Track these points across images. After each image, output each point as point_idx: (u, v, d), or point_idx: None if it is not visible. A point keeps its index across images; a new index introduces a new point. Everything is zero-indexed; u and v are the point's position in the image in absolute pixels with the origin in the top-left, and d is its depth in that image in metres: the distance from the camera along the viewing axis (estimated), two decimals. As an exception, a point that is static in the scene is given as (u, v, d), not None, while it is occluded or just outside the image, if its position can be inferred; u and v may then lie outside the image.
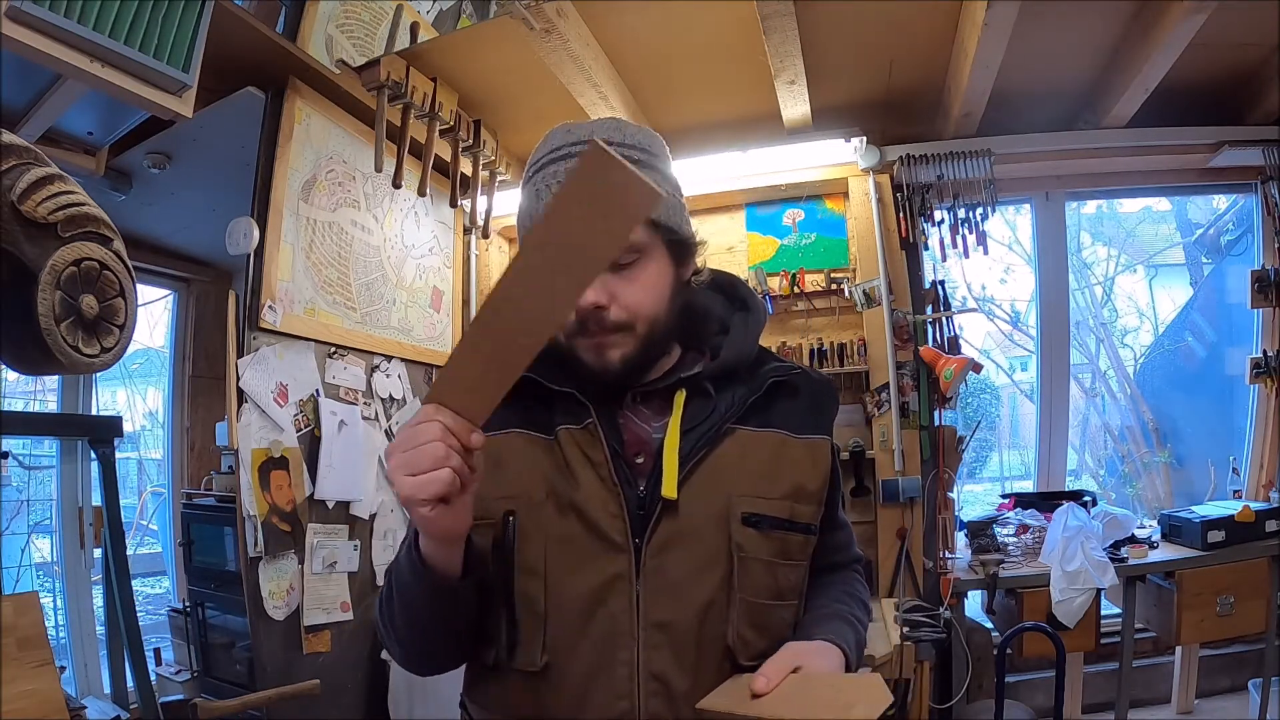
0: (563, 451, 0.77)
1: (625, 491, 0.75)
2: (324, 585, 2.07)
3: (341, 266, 2.26)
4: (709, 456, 0.77)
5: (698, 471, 0.76)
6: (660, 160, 0.79)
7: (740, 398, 0.80)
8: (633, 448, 0.78)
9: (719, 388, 0.80)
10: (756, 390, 0.81)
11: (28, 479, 2.35)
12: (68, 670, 2.07)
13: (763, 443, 0.80)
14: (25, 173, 1.02)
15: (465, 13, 2.24)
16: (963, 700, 2.38)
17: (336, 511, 2.14)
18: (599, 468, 0.75)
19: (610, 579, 0.74)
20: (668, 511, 0.75)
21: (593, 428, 0.76)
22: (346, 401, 2.23)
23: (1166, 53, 2.24)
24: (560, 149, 0.76)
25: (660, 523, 0.74)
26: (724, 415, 0.79)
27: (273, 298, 1.98)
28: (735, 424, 0.79)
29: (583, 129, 0.78)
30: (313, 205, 2.16)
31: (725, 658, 0.74)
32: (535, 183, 0.77)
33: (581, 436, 0.76)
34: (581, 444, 0.76)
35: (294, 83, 2.06)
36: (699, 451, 0.77)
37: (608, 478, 0.75)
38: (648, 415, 0.81)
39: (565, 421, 0.77)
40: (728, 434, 0.79)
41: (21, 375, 1.63)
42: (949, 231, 2.67)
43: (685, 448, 0.76)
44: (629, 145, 0.76)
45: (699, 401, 0.80)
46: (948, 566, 2.50)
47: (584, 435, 0.76)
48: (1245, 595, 2.35)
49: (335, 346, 2.21)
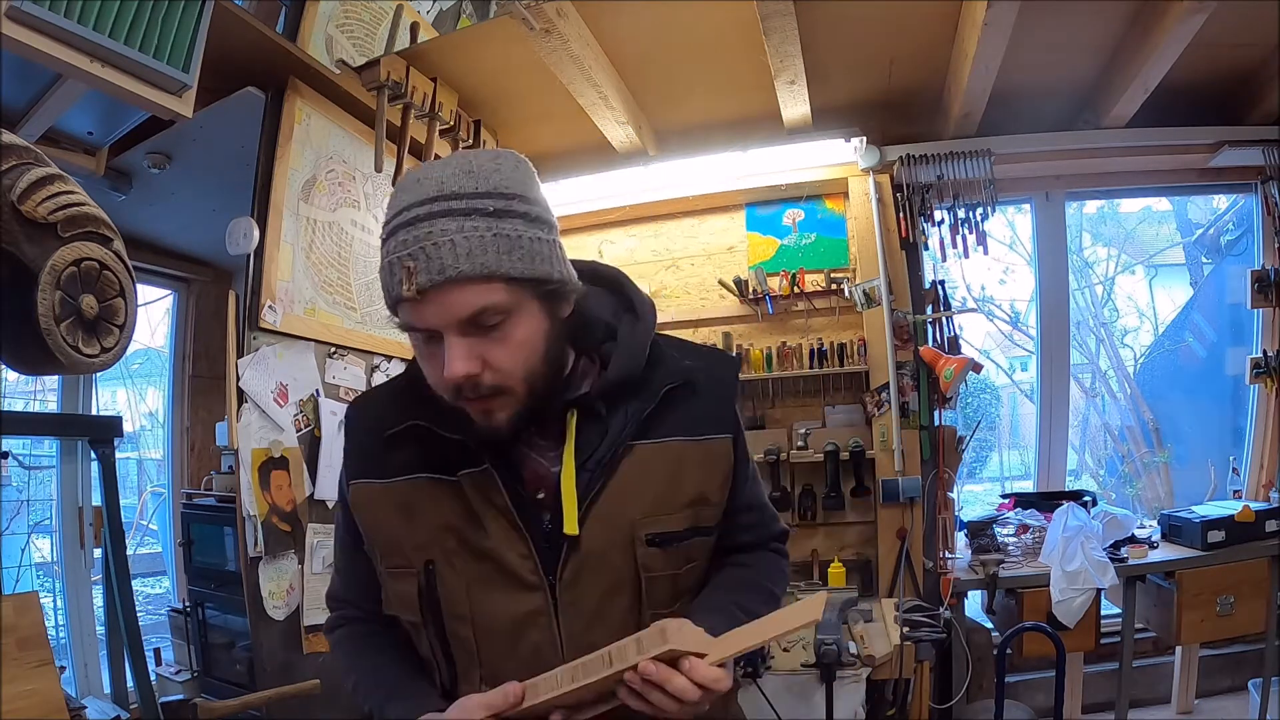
0: (466, 496, 0.76)
1: (531, 531, 0.76)
2: (324, 585, 2.04)
3: (341, 266, 2.26)
4: (607, 485, 0.77)
5: (598, 502, 0.76)
6: (520, 201, 0.70)
7: (634, 414, 0.78)
8: (532, 485, 0.78)
9: (610, 406, 0.78)
10: (650, 401, 0.78)
11: (28, 479, 2.34)
12: (68, 670, 2.07)
13: (661, 455, 0.79)
14: (25, 173, 1.02)
15: (465, 13, 2.24)
16: (963, 700, 2.38)
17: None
18: (503, 512, 0.76)
19: (530, 614, 0.76)
20: (573, 548, 0.76)
21: (489, 472, 0.75)
22: (346, 401, 2.23)
23: (1166, 53, 2.24)
24: (408, 209, 0.68)
25: (569, 559, 0.76)
26: (618, 436, 0.77)
27: (273, 298, 1.98)
28: (631, 440, 0.78)
29: (431, 176, 0.69)
30: (313, 205, 2.16)
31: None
32: (389, 251, 0.69)
33: (481, 480, 0.76)
34: (482, 488, 0.76)
35: (294, 83, 2.06)
36: (596, 482, 0.76)
37: (513, 521, 0.75)
38: (543, 446, 0.79)
39: (464, 464, 0.76)
40: (625, 453, 0.77)
41: (21, 375, 1.63)
42: (949, 231, 2.67)
43: (583, 480, 0.76)
44: (483, 194, 0.68)
45: (591, 423, 0.78)
46: (948, 566, 2.50)
47: (483, 479, 0.76)
48: (1245, 595, 2.35)
49: (335, 346, 2.21)
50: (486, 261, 0.67)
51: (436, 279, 0.66)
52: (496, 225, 0.68)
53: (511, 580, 0.76)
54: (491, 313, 0.68)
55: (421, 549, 0.78)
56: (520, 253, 0.69)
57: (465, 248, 0.66)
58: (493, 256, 0.67)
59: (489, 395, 0.71)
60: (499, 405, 0.72)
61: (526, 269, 0.69)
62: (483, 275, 0.67)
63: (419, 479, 0.79)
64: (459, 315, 0.68)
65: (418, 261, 0.66)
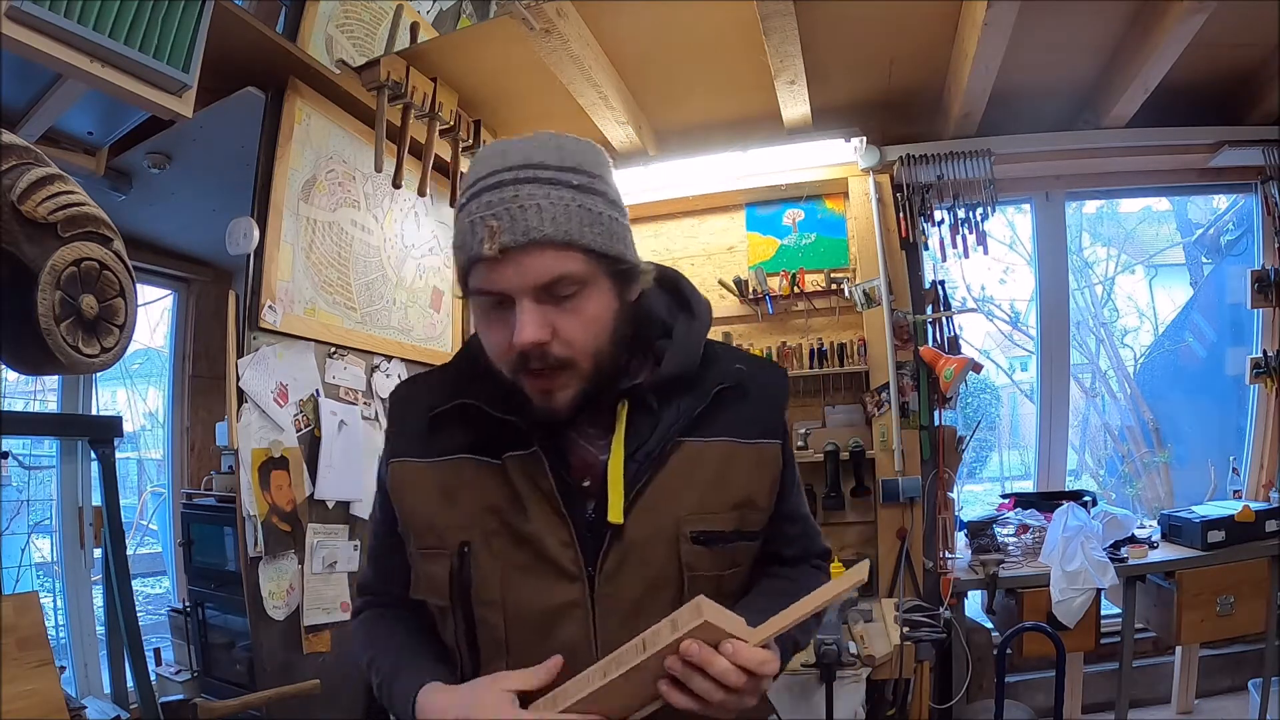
0: (510, 479, 0.75)
1: (574, 518, 0.74)
2: (324, 585, 2.06)
3: (341, 266, 2.26)
4: (655, 477, 0.75)
5: (645, 494, 0.75)
6: (600, 181, 0.72)
7: (685, 410, 0.77)
8: (579, 472, 0.77)
9: (662, 400, 0.78)
10: (702, 400, 0.78)
11: (28, 479, 2.34)
12: (68, 670, 2.07)
13: (710, 454, 0.78)
14: (25, 173, 1.02)
15: (465, 13, 2.24)
16: (963, 700, 2.38)
17: (336, 511, 2.14)
18: (547, 497, 0.74)
19: (565, 606, 0.74)
20: (616, 538, 0.74)
21: (537, 456, 0.74)
22: (346, 401, 2.23)
23: (1166, 53, 2.24)
24: (494, 174, 0.70)
25: (610, 550, 0.74)
26: (668, 430, 0.77)
27: (273, 298, 1.98)
28: (681, 436, 0.77)
29: (516, 147, 0.71)
30: (313, 205, 2.16)
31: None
32: (470, 212, 0.70)
33: (528, 463, 0.74)
34: (528, 471, 0.75)
35: (294, 83, 2.06)
36: (644, 474, 0.75)
37: (556, 507, 0.74)
38: (592, 434, 0.78)
39: (511, 447, 0.75)
40: (674, 449, 0.77)
41: (21, 375, 1.63)
42: (949, 231, 2.67)
43: (631, 470, 0.74)
44: (568, 168, 0.70)
45: (642, 416, 0.77)
46: (948, 566, 2.50)
47: (530, 462, 0.74)
48: (1245, 595, 2.35)
49: (335, 346, 2.21)
50: (570, 229, 0.68)
51: (520, 239, 0.67)
52: (580, 198, 0.70)
53: (550, 568, 0.74)
54: (568, 282, 0.69)
55: (459, 530, 0.76)
56: (600, 228, 0.70)
57: (551, 213, 0.68)
58: (575, 225, 0.68)
59: (553, 370, 0.71)
60: (561, 383, 0.72)
61: (605, 244, 0.70)
62: (565, 241, 0.68)
63: (462, 459, 0.78)
64: (536, 279, 0.68)
65: (501, 221, 0.67)
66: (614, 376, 0.75)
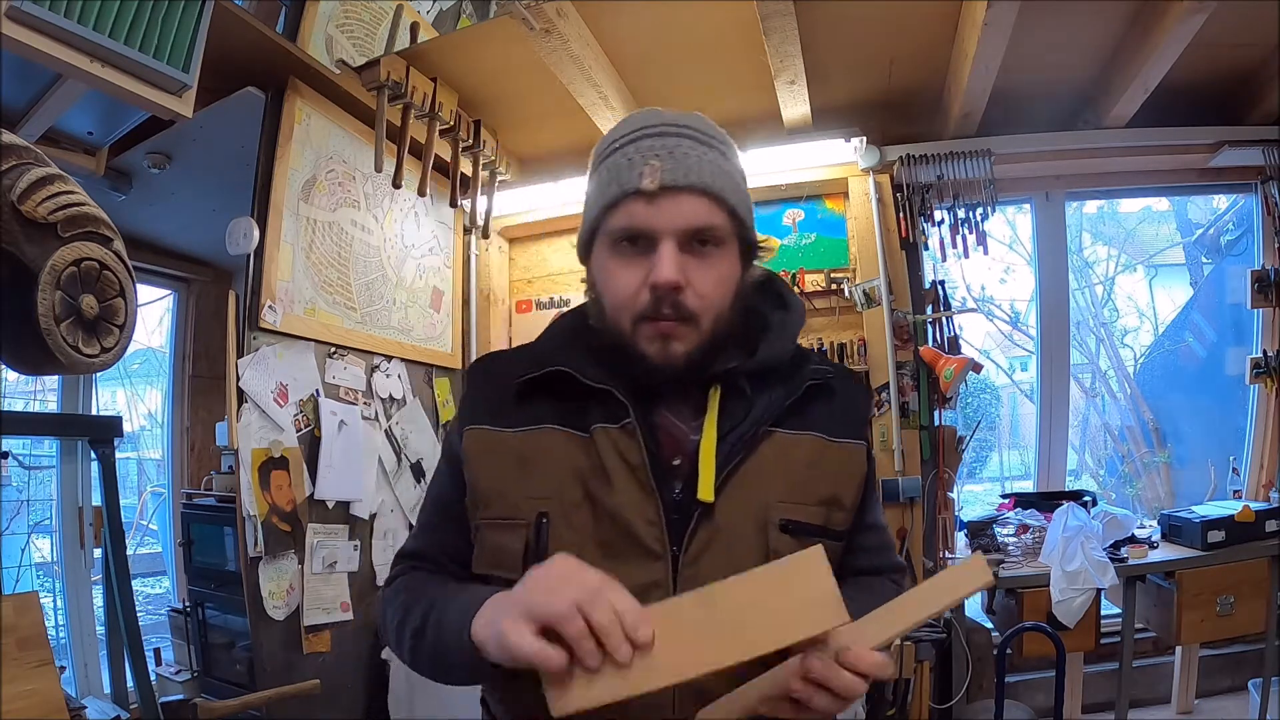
0: (598, 452, 0.74)
1: (662, 496, 0.72)
2: (324, 585, 2.07)
3: (341, 266, 2.26)
4: (746, 461, 0.74)
5: (735, 476, 0.74)
6: (738, 159, 0.79)
7: (778, 399, 0.77)
8: (669, 450, 0.75)
9: (755, 387, 0.78)
10: (794, 392, 0.78)
11: (28, 479, 2.35)
12: (68, 670, 2.07)
13: (800, 447, 0.78)
14: (25, 173, 1.02)
15: (465, 13, 2.24)
16: (963, 700, 2.38)
17: (336, 511, 2.14)
18: (636, 471, 0.72)
19: (646, 586, 0.70)
20: (705, 517, 0.72)
21: (630, 428, 0.73)
22: (346, 401, 2.23)
23: (1166, 53, 2.24)
24: (651, 126, 0.75)
25: (698, 530, 0.72)
26: (761, 417, 0.76)
27: (273, 298, 1.98)
28: (772, 426, 0.77)
29: (666, 115, 0.76)
30: (313, 205, 2.16)
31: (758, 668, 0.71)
32: (627, 153, 0.73)
33: (618, 437, 0.73)
34: (618, 445, 0.73)
35: (294, 83, 2.06)
36: (736, 455, 0.74)
37: (645, 482, 0.72)
38: (685, 414, 0.77)
39: (601, 419, 0.74)
40: (765, 437, 0.76)
41: (21, 375, 1.63)
42: (949, 231, 2.67)
43: (723, 451, 0.73)
44: (717, 139, 0.76)
45: (735, 400, 0.77)
46: (948, 566, 2.49)
47: (621, 436, 0.73)
48: (1245, 595, 2.34)
49: (335, 346, 2.21)
50: (723, 186, 0.72)
51: (680, 181, 0.70)
52: (727, 165, 0.75)
53: (633, 546, 0.72)
54: (711, 233, 0.72)
55: (536, 501, 0.73)
56: (742, 195, 0.75)
57: (709, 167, 0.72)
58: (726, 184, 0.73)
59: (678, 320, 0.71)
60: (682, 334, 0.72)
61: (745, 211, 0.75)
62: (718, 195, 0.72)
63: (546, 429, 0.76)
64: (687, 222, 0.71)
65: (663, 161, 0.71)
66: (720, 349, 0.76)
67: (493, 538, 0.76)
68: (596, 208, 0.75)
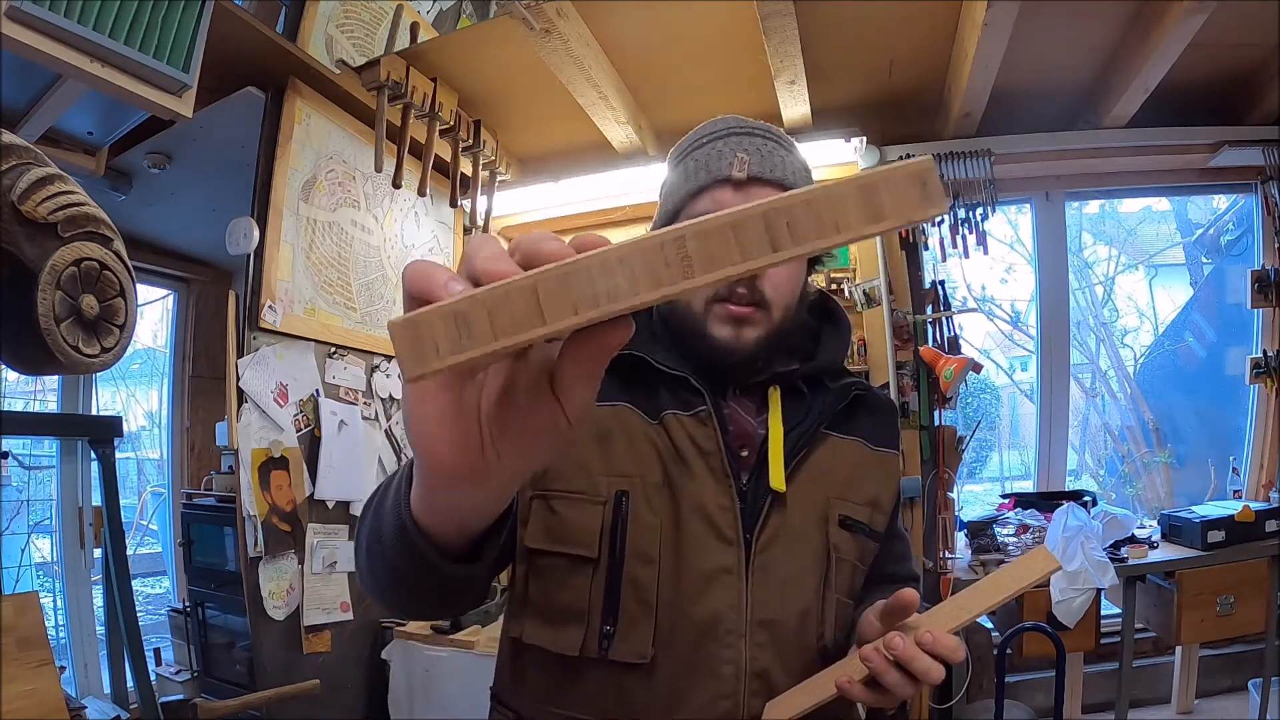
0: (671, 438, 0.75)
1: (735, 484, 0.74)
2: (324, 585, 2.06)
3: (341, 266, 2.26)
4: (809, 456, 0.78)
5: (800, 470, 0.77)
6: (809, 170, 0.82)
7: (831, 403, 0.81)
8: (738, 440, 0.78)
9: (811, 391, 0.82)
10: (844, 398, 0.82)
11: (28, 479, 2.34)
12: (68, 670, 2.07)
13: (849, 450, 0.82)
14: (25, 173, 1.02)
15: (465, 13, 2.24)
16: (963, 700, 2.38)
17: (336, 511, 2.14)
18: (710, 457, 0.74)
19: (719, 571, 0.72)
20: (776, 506, 0.75)
21: (705, 416, 0.75)
22: (346, 401, 2.23)
23: (1166, 53, 2.24)
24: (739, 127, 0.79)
25: (769, 518, 0.74)
26: (820, 416, 0.80)
27: (273, 298, 1.98)
28: (826, 429, 0.81)
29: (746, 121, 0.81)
30: (313, 205, 2.16)
31: (817, 660, 0.74)
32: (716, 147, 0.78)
33: (692, 424, 0.75)
34: (692, 432, 0.75)
35: (294, 83, 2.06)
36: (800, 449, 0.77)
37: (719, 468, 0.74)
38: (749, 409, 0.80)
39: (673, 407, 0.76)
40: (821, 438, 0.80)
41: (21, 375, 1.63)
42: (949, 231, 2.67)
43: (789, 444, 0.76)
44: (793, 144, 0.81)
45: (794, 400, 0.80)
46: (948, 566, 2.49)
47: (694, 423, 0.75)
48: (1245, 595, 2.35)
49: (335, 346, 2.21)
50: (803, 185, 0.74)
51: (766, 173, 0.75)
52: (804, 169, 0.80)
53: (709, 530, 0.73)
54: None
55: (615, 479, 0.73)
56: None
57: (792, 166, 0.77)
58: (805, 184, 0.75)
59: (752, 306, 0.75)
60: (754, 320, 0.75)
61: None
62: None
63: (624, 407, 0.76)
64: None
65: (751, 156, 0.75)
66: (780, 346, 0.80)
67: (567, 512, 0.73)
68: (681, 193, 0.78)
